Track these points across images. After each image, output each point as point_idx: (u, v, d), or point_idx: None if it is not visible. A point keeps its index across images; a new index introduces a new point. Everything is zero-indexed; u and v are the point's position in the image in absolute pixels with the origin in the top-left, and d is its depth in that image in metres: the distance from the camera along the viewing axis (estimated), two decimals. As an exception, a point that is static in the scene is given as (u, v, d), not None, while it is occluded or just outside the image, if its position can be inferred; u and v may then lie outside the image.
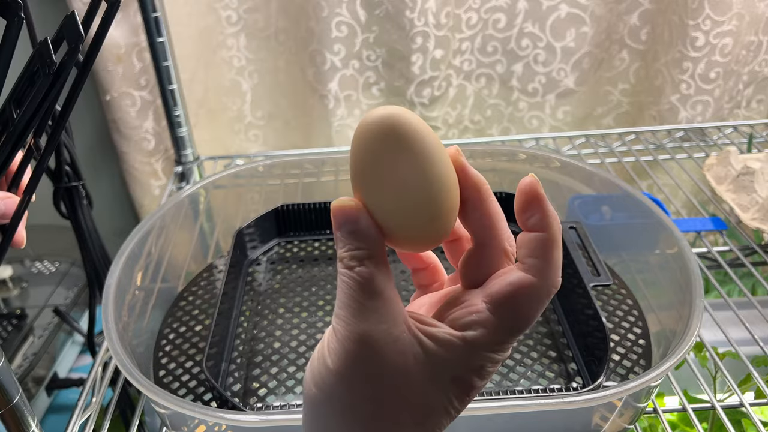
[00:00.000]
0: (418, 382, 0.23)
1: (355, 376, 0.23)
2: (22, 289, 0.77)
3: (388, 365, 0.23)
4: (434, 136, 0.24)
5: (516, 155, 0.68)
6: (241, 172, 0.66)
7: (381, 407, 0.24)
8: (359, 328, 0.23)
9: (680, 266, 0.49)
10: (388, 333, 0.23)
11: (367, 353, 0.23)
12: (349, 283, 0.24)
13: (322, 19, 0.79)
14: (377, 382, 0.23)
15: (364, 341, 0.23)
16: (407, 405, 0.24)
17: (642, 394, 0.41)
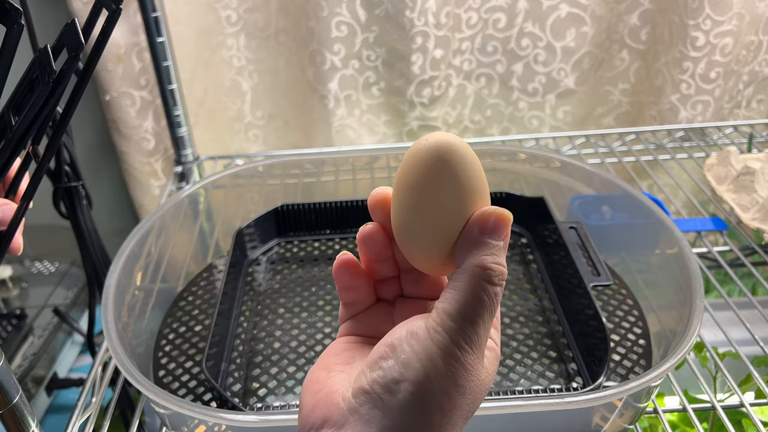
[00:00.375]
0: (485, 391, 0.26)
1: (471, 390, 0.25)
2: (22, 289, 0.77)
3: (480, 378, 0.25)
4: (479, 170, 0.26)
5: (516, 155, 0.68)
6: (241, 172, 0.66)
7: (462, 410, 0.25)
8: (478, 339, 0.24)
9: (680, 266, 0.49)
10: (481, 350, 0.25)
11: (477, 364, 0.25)
12: (486, 302, 0.24)
13: (322, 19, 0.79)
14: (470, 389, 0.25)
15: (477, 349, 0.24)
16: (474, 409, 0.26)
17: (642, 394, 0.41)
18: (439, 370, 0.24)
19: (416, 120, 0.87)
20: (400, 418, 0.24)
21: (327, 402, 0.26)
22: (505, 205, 0.64)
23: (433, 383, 0.24)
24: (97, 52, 0.29)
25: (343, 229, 0.65)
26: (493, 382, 0.27)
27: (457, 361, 0.24)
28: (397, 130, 0.90)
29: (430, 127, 0.89)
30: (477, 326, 0.24)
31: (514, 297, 0.55)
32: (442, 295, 0.25)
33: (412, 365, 0.24)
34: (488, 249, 0.25)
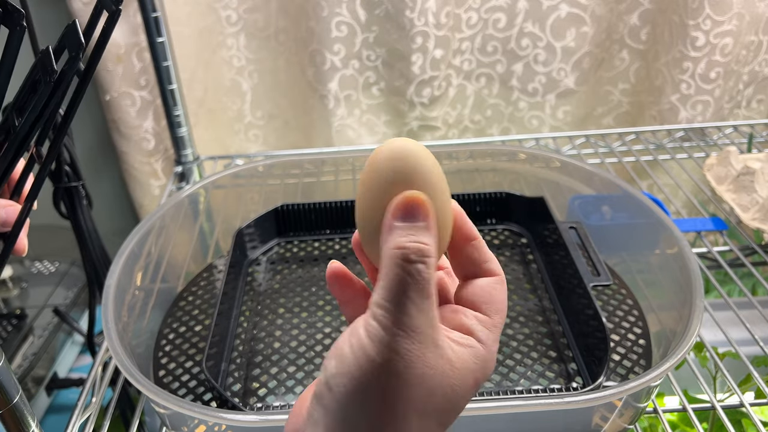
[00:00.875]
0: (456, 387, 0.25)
1: (413, 377, 0.24)
2: (22, 289, 0.77)
3: (431, 365, 0.24)
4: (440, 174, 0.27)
5: (516, 155, 0.68)
6: (241, 172, 0.66)
7: (411, 403, 0.24)
8: (411, 324, 0.23)
9: (680, 266, 0.49)
10: (432, 337, 0.24)
11: (416, 352, 0.24)
12: (406, 280, 0.24)
13: (322, 19, 0.79)
14: (415, 378, 0.24)
15: (412, 335, 0.23)
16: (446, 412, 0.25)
17: (642, 394, 0.41)
18: (371, 359, 0.23)
19: (416, 120, 0.87)
20: (339, 413, 0.24)
21: (298, 412, 0.27)
22: (505, 205, 0.64)
23: (367, 374, 0.23)
24: (97, 53, 0.30)
25: (343, 229, 0.65)
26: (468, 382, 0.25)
27: (390, 347, 0.23)
28: (397, 130, 0.90)
29: (430, 127, 0.89)
30: (406, 308, 0.23)
31: (514, 297, 0.55)
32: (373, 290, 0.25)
33: (346, 359, 0.24)
34: (401, 230, 0.25)
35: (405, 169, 0.26)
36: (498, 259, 0.62)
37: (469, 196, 0.64)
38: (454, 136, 0.93)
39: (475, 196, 0.64)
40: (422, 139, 0.90)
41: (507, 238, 0.63)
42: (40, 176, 0.34)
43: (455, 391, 0.25)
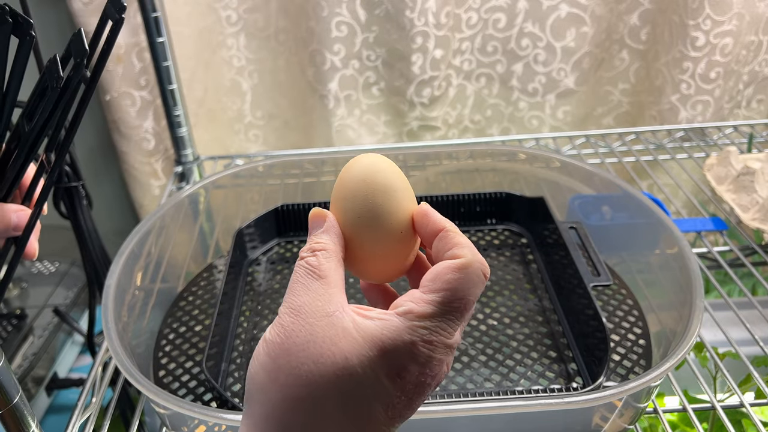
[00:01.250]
0: (348, 354, 0.25)
1: (292, 345, 0.25)
2: (22, 289, 0.77)
3: (318, 334, 0.25)
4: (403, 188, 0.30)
5: (516, 155, 0.68)
6: (241, 172, 0.66)
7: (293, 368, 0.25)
8: (296, 302, 0.26)
9: (680, 266, 0.49)
10: (322, 308, 0.26)
11: (300, 322, 0.26)
12: (297, 270, 0.28)
13: (322, 19, 0.79)
14: (309, 349, 0.25)
15: (296, 312, 0.26)
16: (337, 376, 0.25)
17: (642, 394, 0.41)
18: (264, 339, 0.26)
19: (416, 120, 0.87)
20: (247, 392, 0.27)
21: None
22: (505, 205, 0.64)
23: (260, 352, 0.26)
24: (102, 60, 0.30)
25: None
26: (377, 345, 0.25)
27: (277, 324, 0.26)
28: (397, 130, 0.90)
29: (430, 127, 0.89)
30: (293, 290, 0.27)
31: (514, 297, 0.55)
32: None
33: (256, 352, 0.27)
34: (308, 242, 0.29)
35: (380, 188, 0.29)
36: (498, 259, 0.62)
37: (469, 196, 0.64)
38: (454, 136, 0.93)
39: (475, 196, 0.64)
40: (422, 139, 0.90)
41: (507, 238, 0.63)
42: (48, 182, 0.35)
43: (350, 358, 0.25)
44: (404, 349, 0.25)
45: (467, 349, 0.49)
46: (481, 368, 0.47)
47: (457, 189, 0.66)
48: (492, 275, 0.58)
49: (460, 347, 0.49)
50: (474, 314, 0.53)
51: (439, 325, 0.26)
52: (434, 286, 0.26)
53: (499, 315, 0.53)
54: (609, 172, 0.64)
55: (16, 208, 0.36)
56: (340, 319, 0.25)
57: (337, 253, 0.28)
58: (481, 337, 0.50)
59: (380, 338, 0.25)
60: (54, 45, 0.78)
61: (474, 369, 0.47)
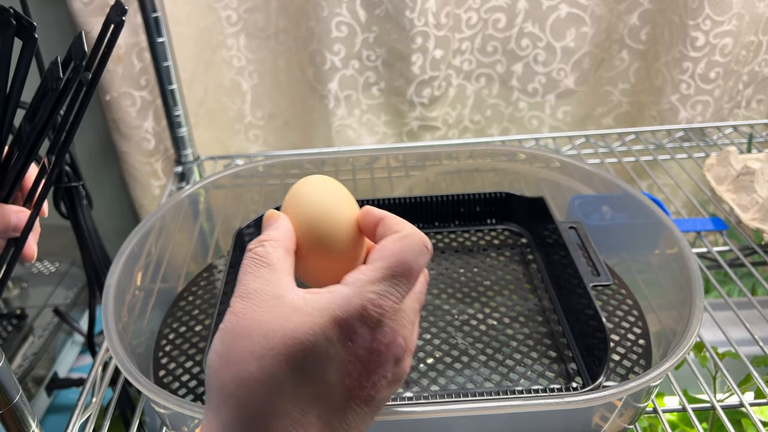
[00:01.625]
0: (297, 325, 0.26)
1: (242, 327, 0.26)
2: (22, 289, 0.77)
3: (268, 313, 0.26)
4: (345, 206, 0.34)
5: (516, 155, 0.68)
6: (241, 172, 0.66)
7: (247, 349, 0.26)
8: (245, 289, 0.28)
9: (680, 266, 0.49)
10: (271, 291, 0.27)
11: (250, 306, 0.27)
12: (245, 262, 0.30)
13: (322, 19, 0.79)
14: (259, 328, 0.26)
15: (246, 297, 0.27)
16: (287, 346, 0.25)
17: (642, 394, 0.41)
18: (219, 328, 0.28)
19: (416, 120, 0.88)
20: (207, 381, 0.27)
21: None
22: (505, 205, 0.64)
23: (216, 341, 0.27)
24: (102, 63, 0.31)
25: (343, 229, 0.64)
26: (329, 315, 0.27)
27: (229, 312, 0.28)
28: (397, 130, 0.90)
29: (430, 127, 0.89)
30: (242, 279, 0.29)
31: (514, 297, 0.55)
32: None
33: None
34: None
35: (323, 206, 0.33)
36: (498, 259, 0.62)
37: (469, 196, 0.64)
38: (454, 136, 0.93)
39: (475, 196, 0.64)
40: (422, 139, 0.90)
41: (507, 238, 0.63)
42: (47, 183, 0.36)
43: (300, 328, 0.25)
44: (355, 313, 0.26)
45: (467, 349, 0.49)
46: (481, 368, 0.47)
47: (457, 189, 0.66)
48: (492, 275, 0.58)
49: (459, 347, 0.49)
50: (474, 314, 0.53)
51: (386, 289, 0.27)
52: (379, 255, 0.28)
53: (499, 315, 0.53)
54: (609, 172, 0.64)
55: (16, 209, 0.36)
56: (290, 299, 0.27)
57: (285, 242, 0.30)
58: (481, 337, 0.50)
59: (330, 307, 0.26)
60: (54, 45, 0.78)
61: (474, 369, 0.47)
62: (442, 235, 0.64)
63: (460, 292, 0.56)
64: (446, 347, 0.49)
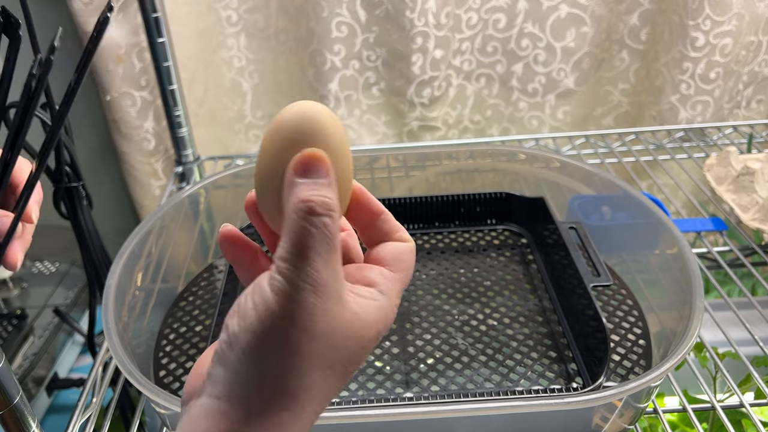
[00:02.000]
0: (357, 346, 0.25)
1: (318, 332, 0.24)
2: (22, 289, 0.77)
3: (338, 326, 0.24)
4: (343, 139, 0.27)
5: (516, 155, 0.68)
6: (241, 172, 0.66)
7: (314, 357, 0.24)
8: (318, 278, 0.23)
9: (680, 266, 0.49)
10: (338, 291, 0.24)
11: (323, 306, 0.23)
12: (312, 232, 0.23)
13: (322, 19, 0.79)
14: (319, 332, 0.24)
15: (319, 291, 0.23)
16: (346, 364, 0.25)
17: (642, 394, 0.41)
18: (273, 313, 0.23)
19: (416, 120, 0.88)
20: (240, 369, 0.23)
21: (195, 374, 0.26)
22: (505, 205, 0.64)
23: (268, 328, 0.23)
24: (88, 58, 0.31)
25: (344, 230, 0.64)
26: (373, 332, 0.26)
27: (293, 300, 0.23)
28: (397, 130, 0.90)
29: (430, 127, 0.89)
30: (311, 261, 0.23)
31: (514, 297, 0.55)
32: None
33: (249, 314, 0.23)
34: (304, 186, 0.24)
35: (308, 129, 0.26)
36: (498, 259, 0.62)
37: (469, 196, 0.64)
38: (454, 137, 0.93)
39: (475, 197, 0.64)
40: (422, 139, 0.90)
41: (507, 239, 0.63)
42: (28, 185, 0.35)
43: (359, 343, 0.25)
44: (388, 324, 0.27)
45: (467, 349, 0.49)
46: (481, 368, 0.47)
47: (457, 189, 0.66)
48: (492, 275, 0.58)
49: (459, 347, 0.49)
50: (474, 314, 0.53)
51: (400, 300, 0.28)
52: (401, 266, 0.28)
53: (499, 315, 0.53)
54: (609, 173, 0.64)
55: (2, 213, 0.35)
56: (350, 303, 0.25)
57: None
58: (481, 337, 0.51)
59: (378, 324, 0.26)
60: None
61: (474, 369, 0.47)
62: (442, 235, 0.64)
63: (460, 292, 0.56)
64: (446, 347, 0.49)
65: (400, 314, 0.53)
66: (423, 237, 0.64)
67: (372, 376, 0.47)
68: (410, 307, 0.54)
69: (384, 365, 0.48)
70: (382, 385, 0.46)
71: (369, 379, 0.47)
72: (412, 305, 0.54)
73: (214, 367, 0.24)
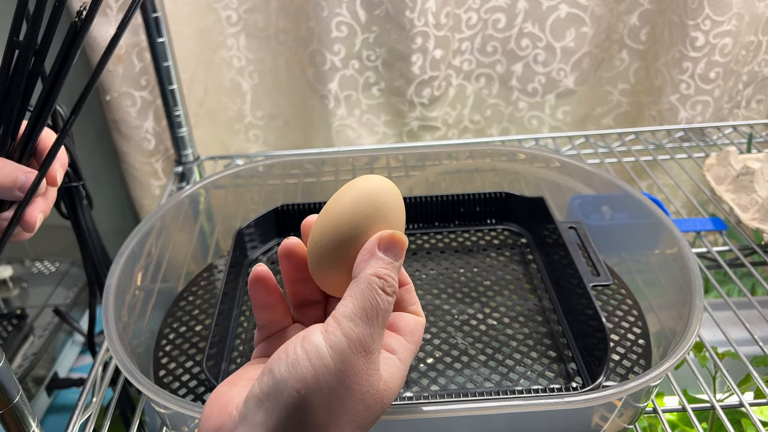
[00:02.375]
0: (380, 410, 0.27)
1: (347, 380, 0.25)
2: (22, 289, 0.77)
3: (372, 392, 0.26)
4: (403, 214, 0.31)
5: (516, 155, 0.68)
6: (241, 172, 0.66)
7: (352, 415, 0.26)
8: (371, 344, 0.26)
9: (680, 266, 0.49)
10: (376, 362, 0.27)
11: (366, 366, 0.26)
12: (380, 307, 0.26)
13: (322, 19, 0.79)
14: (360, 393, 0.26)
15: (369, 356, 0.26)
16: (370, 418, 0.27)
17: (642, 394, 0.41)
18: (329, 368, 0.24)
19: (416, 120, 0.88)
20: (285, 416, 0.24)
21: (221, 411, 0.27)
22: (505, 205, 0.64)
23: (321, 381, 0.24)
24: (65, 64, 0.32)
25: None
26: (393, 398, 0.28)
27: (347, 360, 0.25)
28: (397, 130, 0.90)
29: (430, 127, 0.89)
30: (372, 329, 0.26)
31: (514, 297, 0.55)
32: (339, 304, 0.27)
33: (301, 364, 0.25)
34: (383, 262, 0.27)
35: (382, 208, 0.29)
36: (498, 259, 0.62)
37: (469, 196, 0.64)
38: (454, 136, 0.93)
39: (475, 196, 0.64)
40: (422, 139, 0.90)
41: (507, 238, 0.63)
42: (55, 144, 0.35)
43: (383, 405, 0.27)
44: (401, 387, 0.29)
45: (467, 348, 0.49)
46: (480, 368, 0.48)
47: (457, 189, 0.66)
48: (492, 275, 0.58)
49: (459, 347, 0.49)
50: (474, 314, 0.53)
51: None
52: (415, 338, 0.30)
53: (499, 315, 0.53)
54: (609, 172, 0.64)
55: (25, 170, 0.36)
56: (382, 371, 0.27)
57: None
58: (481, 336, 0.51)
59: (398, 387, 0.28)
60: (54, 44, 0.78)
61: (474, 369, 0.47)
62: (442, 235, 0.64)
63: (460, 292, 0.56)
64: (446, 347, 0.50)
65: (399, 314, 0.53)
66: (423, 237, 0.64)
67: (372, 376, 0.47)
68: (410, 307, 0.54)
69: (384, 365, 0.48)
70: (382, 385, 0.46)
71: (369, 379, 0.47)
72: (411, 305, 0.54)
73: (253, 409, 0.25)
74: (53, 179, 0.37)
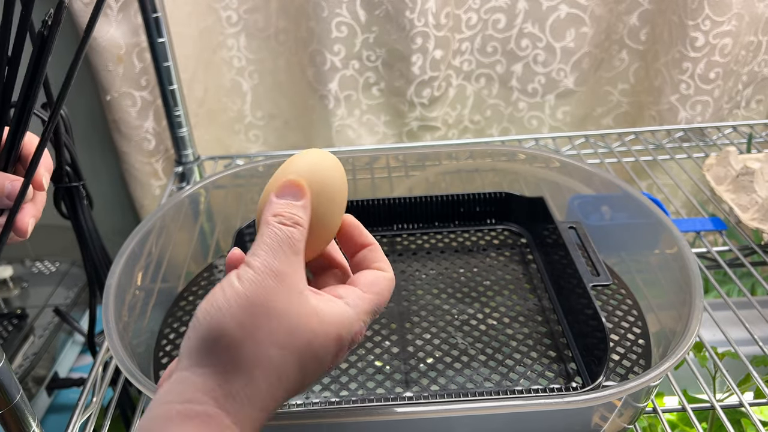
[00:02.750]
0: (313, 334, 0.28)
1: (273, 309, 0.27)
2: (23, 289, 0.77)
3: (294, 309, 0.28)
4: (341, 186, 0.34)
5: (516, 155, 0.68)
6: (241, 172, 0.66)
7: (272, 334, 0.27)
8: (278, 267, 0.28)
9: (680, 266, 0.50)
10: (297, 284, 0.28)
11: (282, 290, 0.28)
12: (278, 234, 0.29)
13: (322, 19, 0.79)
14: (287, 321, 0.27)
15: (279, 278, 0.28)
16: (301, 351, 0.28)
17: (642, 393, 0.41)
18: (237, 290, 0.27)
19: (416, 120, 0.88)
20: (202, 337, 0.27)
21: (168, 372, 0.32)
22: (505, 205, 0.64)
23: (230, 300, 0.27)
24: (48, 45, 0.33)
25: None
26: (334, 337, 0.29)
27: (255, 281, 0.27)
28: (397, 130, 0.90)
29: (430, 127, 0.89)
30: (277, 255, 0.28)
31: (513, 297, 0.55)
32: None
33: (215, 294, 0.27)
34: (278, 204, 0.30)
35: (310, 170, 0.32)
36: (497, 259, 0.62)
37: (469, 196, 0.64)
38: (454, 137, 0.93)
39: (475, 196, 0.64)
40: (422, 139, 0.90)
41: (507, 238, 0.63)
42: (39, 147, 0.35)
43: (318, 340, 0.28)
44: (350, 335, 0.30)
45: (467, 348, 0.49)
46: (480, 368, 0.48)
47: (457, 189, 0.66)
48: (491, 275, 0.58)
49: (459, 347, 0.49)
50: (474, 314, 0.53)
51: (369, 319, 0.32)
52: (373, 289, 0.32)
53: (499, 315, 0.53)
54: (608, 172, 0.64)
55: (11, 178, 0.36)
56: (307, 298, 0.29)
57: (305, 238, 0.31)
58: (481, 336, 0.51)
59: (339, 325, 0.29)
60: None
61: (473, 369, 0.47)
62: (442, 235, 0.64)
63: (460, 292, 0.56)
64: (446, 347, 0.50)
65: (399, 314, 0.53)
66: (423, 237, 0.64)
67: (372, 376, 0.47)
68: (410, 307, 0.54)
69: (384, 365, 0.48)
70: (382, 385, 0.46)
71: (369, 379, 0.47)
72: (411, 305, 0.54)
73: (183, 342, 0.28)
74: (39, 185, 0.38)
